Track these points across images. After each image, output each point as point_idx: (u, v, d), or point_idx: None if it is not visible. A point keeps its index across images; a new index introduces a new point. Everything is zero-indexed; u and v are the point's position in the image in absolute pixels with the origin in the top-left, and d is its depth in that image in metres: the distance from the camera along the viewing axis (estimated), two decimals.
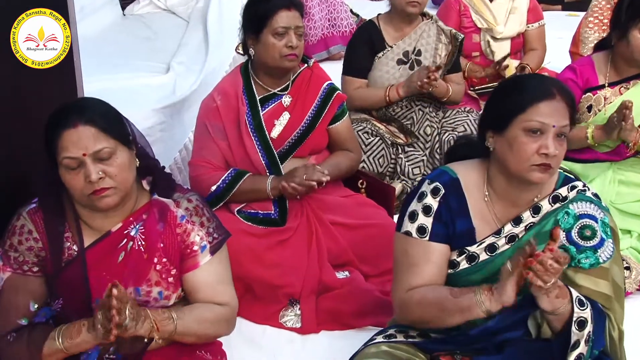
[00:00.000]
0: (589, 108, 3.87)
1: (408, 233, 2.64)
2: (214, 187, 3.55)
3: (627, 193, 3.81)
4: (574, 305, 2.40)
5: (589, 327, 2.40)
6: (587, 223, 2.54)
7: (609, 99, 3.83)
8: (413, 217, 2.65)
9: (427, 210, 2.63)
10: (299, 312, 3.41)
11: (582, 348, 2.39)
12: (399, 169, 4.38)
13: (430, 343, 2.62)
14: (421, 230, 2.63)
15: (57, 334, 2.42)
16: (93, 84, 3.55)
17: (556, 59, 5.42)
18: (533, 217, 2.60)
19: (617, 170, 3.86)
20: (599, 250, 2.51)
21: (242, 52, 3.74)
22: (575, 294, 2.42)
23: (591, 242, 2.52)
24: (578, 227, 2.54)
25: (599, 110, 3.84)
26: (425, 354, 2.61)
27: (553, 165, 2.50)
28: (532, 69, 5.15)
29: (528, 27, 5.26)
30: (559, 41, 5.62)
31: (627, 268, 3.52)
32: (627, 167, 3.85)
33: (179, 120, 4.68)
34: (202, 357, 2.65)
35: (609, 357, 2.54)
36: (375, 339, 2.70)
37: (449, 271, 2.65)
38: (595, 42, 4.42)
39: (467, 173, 2.67)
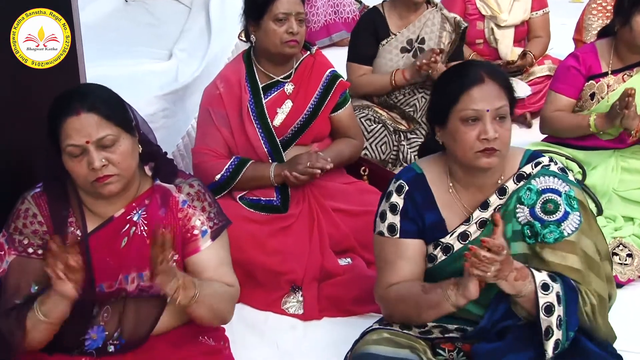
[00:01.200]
0: (592, 96, 3.87)
1: (381, 233, 2.71)
2: (217, 177, 3.55)
3: (630, 180, 3.81)
4: (537, 290, 2.42)
5: (557, 311, 2.42)
6: (550, 197, 2.55)
7: (612, 86, 3.83)
8: (383, 216, 2.71)
9: (393, 208, 2.69)
10: (301, 298, 3.42)
11: (556, 334, 2.41)
12: (401, 156, 4.38)
13: (431, 337, 2.65)
14: (391, 228, 2.68)
15: (36, 304, 2.40)
16: (95, 70, 3.54)
17: (559, 46, 5.42)
18: (500, 199, 2.62)
19: (619, 158, 3.86)
20: (562, 224, 2.52)
21: (244, 39, 3.74)
22: (539, 278, 2.44)
23: (554, 216, 2.53)
24: (541, 202, 2.55)
25: (602, 98, 3.84)
26: (426, 341, 2.63)
27: (498, 148, 2.52)
28: (536, 56, 5.15)
29: (532, 14, 5.25)
30: (562, 28, 5.61)
31: (630, 255, 3.53)
32: (630, 154, 3.85)
33: (182, 107, 4.67)
34: (204, 343, 2.67)
35: (589, 336, 2.54)
36: (375, 326, 2.72)
37: (429, 265, 2.69)
38: (599, 29, 4.41)
39: (431, 167, 2.71)
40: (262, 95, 3.65)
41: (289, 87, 3.70)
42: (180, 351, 2.58)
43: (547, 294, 2.42)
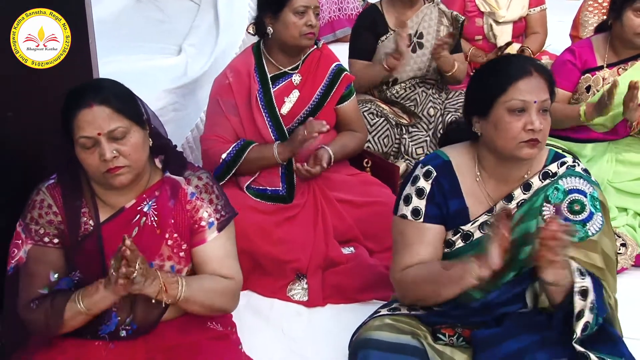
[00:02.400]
0: (588, 88, 3.88)
1: (403, 216, 2.69)
2: (224, 155, 3.57)
3: (624, 172, 3.81)
4: (575, 275, 2.41)
5: (591, 296, 2.41)
6: (577, 198, 2.56)
7: (607, 79, 3.84)
8: (408, 200, 2.68)
9: (420, 192, 2.66)
10: (305, 286, 3.43)
11: (587, 316, 2.40)
12: (402, 149, 4.38)
13: (432, 316, 2.65)
14: (415, 212, 2.66)
15: (77, 296, 2.43)
16: (108, 66, 3.55)
17: (557, 42, 5.40)
18: (524, 193, 2.62)
19: (614, 150, 3.86)
20: (588, 224, 2.53)
21: (252, 33, 3.75)
22: (574, 264, 2.43)
23: (580, 216, 2.54)
24: (567, 202, 2.55)
25: (597, 91, 3.84)
26: (427, 327, 2.64)
27: (540, 139, 2.52)
28: (533, 51, 5.14)
29: (530, 11, 5.24)
30: (559, 25, 5.60)
31: (624, 245, 3.53)
32: (624, 146, 3.85)
33: (191, 101, 4.68)
34: (213, 329, 2.68)
35: (611, 326, 2.55)
36: (380, 311, 2.73)
37: (446, 250, 2.68)
38: (595, 25, 4.41)
39: (459, 155, 2.70)
40: (271, 85, 3.66)
41: (296, 78, 3.71)
42: (189, 336, 2.59)
43: (583, 279, 2.42)
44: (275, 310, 3.35)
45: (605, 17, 4.34)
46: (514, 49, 5.09)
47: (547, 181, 2.61)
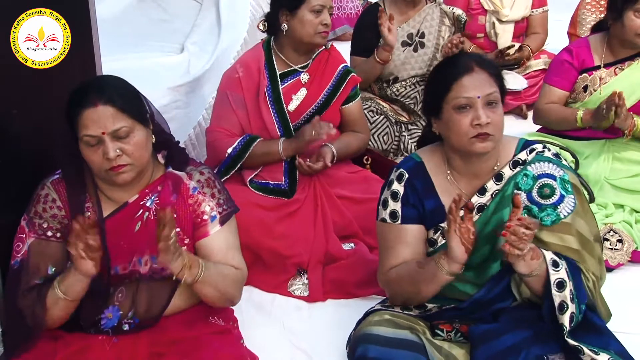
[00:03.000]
0: (585, 88, 3.88)
1: (383, 220, 2.73)
2: (230, 150, 3.58)
3: (621, 169, 3.81)
4: (549, 268, 2.43)
5: (569, 286, 2.43)
6: (546, 182, 2.57)
7: (604, 79, 3.84)
8: (385, 204, 2.72)
9: (394, 196, 2.70)
10: (306, 281, 3.44)
11: (571, 307, 2.42)
12: (402, 146, 4.38)
13: (429, 316, 2.66)
14: (393, 215, 2.70)
15: (55, 282, 2.44)
16: (112, 64, 3.55)
17: (555, 41, 5.41)
18: (497, 184, 2.63)
19: (611, 148, 3.86)
20: (559, 207, 2.54)
21: (263, 30, 3.77)
22: (548, 256, 2.45)
23: (551, 199, 2.55)
24: (537, 187, 2.57)
25: (595, 91, 3.84)
26: (425, 322, 2.65)
27: (491, 132, 2.53)
28: (533, 50, 5.15)
29: (532, 12, 5.25)
30: (557, 23, 5.60)
31: (620, 241, 3.54)
32: (622, 144, 3.85)
33: (193, 98, 4.68)
34: (214, 323, 2.69)
35: (594, 312, 2.57)
36: (377, 307, 2.74)
37: (430, 249, 2.70)
38: (593, 23, 4.41)
39: (430, 156, 2.73)
40: (279, 82, 3.67)
41: (304, 77, 3.73)
42: (191, 330, 2.60)
43: (557, 271, 2.44)
44: (276, 305, 3.35)
45: (602, 15, 4.34)
46: (513, 48, 5.10)
47: (518, 169, 2.62)
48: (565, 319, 2.41)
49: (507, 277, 2.53)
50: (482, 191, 2.65)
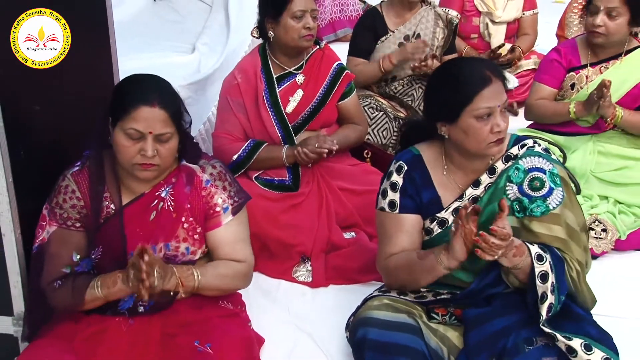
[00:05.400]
0: (572, 86, 3.88)
1: (382, 209, 2.73)
2: (235, 157, 3.58)
3: (606, 163, 3.82)
4: (533, 261, 2.44)
5: (551, 278, 2.44)
6: (536, 175, 2.57)
7: (590, 77, 3.84)
8: (384, 194, 2.72)
9: (393, 186, 2.70)
10: (310, 268, 3.44)
11: (550, 298, 2.43)
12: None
13: (424, 301, 2.68)
14: (391, 205, 2.70)
15: (96, 284, 2.48)
16: (127, 63, 3.56)
17: (544, 42, 5.41)
18: (490, 177, 2.64)
19: (596, 142, 3.86)
20: (548, 199, 2.55)
21: (257, 36, 3.75)
22: (534, 250, 2.46)
23: (540, 192, 2.55)
24: (528, 180, 2.57)
25: (581, 88, 3.85)
26: (421, 306, 2.66)
27: (504, 135, 2.56)
28: (523, 50, 5.15)
29: (523, 14, 5.24)
30: (546, 26, 5.59)
31: (604, 230, 3.54)
32: (606, 139, 3.85)
33: (203, 96, 4.69)
34: (224, 307, 2.69)
35: (574, 302, 2.58)
36: (375, 293, 2.75)
37: (426, 238, 2.71)
38: (579, 26, 4.42)
39: (428, 150, 2.73)
40: (276, 85, 3.66)
41: (300, 78, 3.71)
42: (201, 313, 2.61)
43: (542, 264, 2.45)
44: (281, 291, 3.36)
45: None
46: (505, 48, 5.10)
47: (510, 163, 2.63)
48: (544, 309, 2.42)
49: (497, 267, 2.54)
50: (476, 184, 2.66)
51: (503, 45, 5.05)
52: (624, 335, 2.69)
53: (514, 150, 2.65)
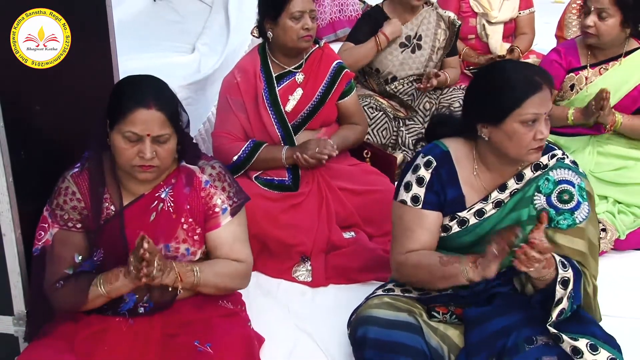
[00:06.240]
0: (572, 87, 3.88)
1: (403, 201, 2.68)
2: (235, 158, 3.57)
3: (605, 163, 3.81)
4: (558, 267, 2.43)
5: (571, 286, 2.43)
6: (565, 188, 2.56)
7: (589, 78, 3.84)
8: (408, 187, 2.68)
9: (420, 181, 2.66)
10: (309, 267, 3.44)
11: (564, 304, 2.43)
12: (400, 141, 4.38)
13: (426, 298, 2.66)
14: (415, 199, 2.66)
15: (98, 281, 2.47)
16: (128, 63, 3.55)
17: (543, 42, 5.41)
18: (517, 184, 2.62)
19: (596, 143, 3.86)
20: (575, 212, 2.54)
21: (257, 35, 3.74)
22: (557, 258, 2.44)
23: (569, 205, 2.55)
24: (557, 192, 2.56)
25: (581, 89, 3.84)
26: (422, 305, 2.65)
27: (544, 144, 2.55)
28: (522, 50, 5.13)
29: (520, 13, 5.23)
30: (545, 26, 5.59)
31: (604, 229, 3.54)
32: (605, 140, 3.85)
33: (203, 96, 4.68)
34: (224, 307, 2.69)
35: (584, 311, 2.58)
36: (377, 292, 2.74)
37: (442, 234, 2.68)
38: (578, 26, 4.40)
39: (457, 147, 2.69)
40: (276, 84, 3.66)
41: (299, 77, 3.70)
42: (202, 313, 2.60)
43: (566, 271, 2.44)
44: (281, 290, 3.36)
45: None
46: (503, 48, 5.09)
47: (539, 172, 2.62)
48: (555, 312, 2.42)
49: (512, 270, 2.51)
50: (502, 188, 2.64)
51: (512, 50, 5.03)
52: (624, 335, 2.68)
53: (544, 160, 2.63)
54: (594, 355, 2.35)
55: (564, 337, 2.37)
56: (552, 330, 2.39)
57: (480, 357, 2.45)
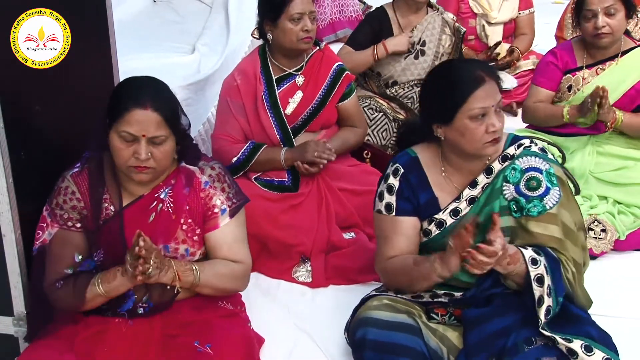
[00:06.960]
0: (569, 88, 3.88)
1: (379, 211, 2.73)
2: (234, 159, 3.56)
3: (605, 163, 3.81)
4: (528, 266, 2.45)
5: (547, 281, 2.44)
6: (533, 175, 2.58)
7: (586, 79, 3.84)
8: (381, 196, 2.72)
9: (390, 189, 2.70)
10: (309, 268, 3.44)
11: (547, 301, 2.44)
12: None
13: (424, 301, 2.67)
14: (388, 207, 2.70)
15: (96, 281, 2.47)
16: (127, 63, 3.55)
17: (543, 43, 5.41)
18: (487, 178, 2.64)
19: (595, 143, 3.86)
20: (545, 199, 2.55)
21: (257, 37, 3.74)
22: (527, 255, 2.47)
23: (537, 192, 2.56)
24: (525, 180, 2.58)
25: (578, 90, 3.85)
26: (421, 307, 2.65)
27: (499, 135, 2.55)
28: (522, 51, 5.14)
29: (519, 13, 5.24)
30: (545, 26, 5.59)
31: (604, 230, 3.54)
32: (605, 139, 3.85)
33: (203, 96, 4.68)
34: (224, 307, 2.69)
35: (572, 302, 2.58)
36: (374, 293, 2.74)
37: (424, 239, 2.71)
38: (583, 31, 4.41)
39: (425, 152, 2.72)
40: (276, 87, 3.65)
41: (299, 79, 3.70)
42: (202, 314, 2.60)
43: (536, 268, 2.45)
44: (281, 291, 3.35)
45: None
46: (503, 49, 5.09)
47: (507, 163, 2.63)
48: (542, 312, 2.43)
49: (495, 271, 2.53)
50: (473, 184, 2.65)
51: (499, 43, 5.03)
52: (624, 335, 2.68)
53: (511, 150, 2.64)
54: (589, 356, 2.36)
55: (558, 339, 2.37)
56: (546, 332, 2.39)
57: (480, 358, 2.45)
